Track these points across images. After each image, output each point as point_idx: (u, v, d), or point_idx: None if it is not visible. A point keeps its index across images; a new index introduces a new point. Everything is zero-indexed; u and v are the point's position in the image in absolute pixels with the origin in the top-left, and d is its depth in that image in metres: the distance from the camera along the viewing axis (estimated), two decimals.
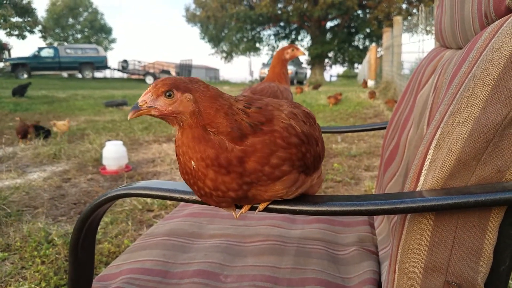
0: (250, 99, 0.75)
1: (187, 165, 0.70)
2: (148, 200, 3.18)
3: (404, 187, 0.81)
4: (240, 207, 0.79)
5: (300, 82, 24.99)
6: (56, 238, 2.48)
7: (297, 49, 2.25)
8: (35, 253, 2.32)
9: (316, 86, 16.57)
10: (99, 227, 2.53)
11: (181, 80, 0.70)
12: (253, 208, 0.78)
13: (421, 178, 0.74)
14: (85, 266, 0.96)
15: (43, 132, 5.80)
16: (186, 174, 0.72)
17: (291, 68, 24.86)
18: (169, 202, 3.15)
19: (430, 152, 0.74)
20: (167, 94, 0.68)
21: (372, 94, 10.47)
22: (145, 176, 4.11)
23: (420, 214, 0.73)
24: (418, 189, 0.74)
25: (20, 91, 11.75)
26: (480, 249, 0.72)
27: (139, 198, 3.19)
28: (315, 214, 0.76)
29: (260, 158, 0.68)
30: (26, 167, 4.46)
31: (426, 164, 0.74)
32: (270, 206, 0.77)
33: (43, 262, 2.24)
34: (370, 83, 15.90)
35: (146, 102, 0.69)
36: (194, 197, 0.82)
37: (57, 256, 2.30)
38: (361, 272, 1.07)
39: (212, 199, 0.73)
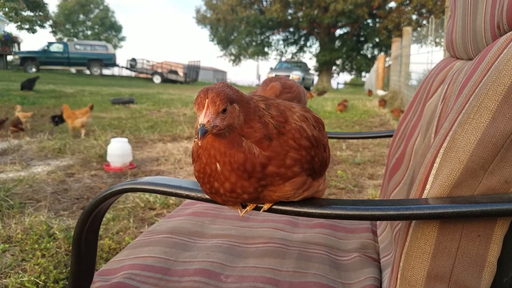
0: (266, 99, 0.75)
1: (210, 166, 0.69)
2: (151, 198, 3.19)
3: (410, 195, 0.81)
4: (244, 206, 0.79)
5: (307, 88, 24.98)
6: (57, 232, 2.49)
7: None
8: (36, 246, 2.33)
9: (321, 93, 16.70)
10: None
11: (228, 91, 0.65)
12: (257, 208, 0.79)
13: (427, 186, 0.74)
14: (87, 260, 0.96)
15: (56, 121, 5.86)
16: (203, 173, 0.71)
17: (298, 74, 24.89)
18: (171, 201, 3.16)
19: (438, 160, 0.74)
20: (223, 110, 0.64)
21: (382, 102, 10.46)
22: (148, 174, 4.12)
23: (424, 222, 0.73)
24: (424, 196, 0.74)
25: (28, 85, 11.84)
26: (484, 259, 0.71)
27: (142, 196, 3.20)
28: (320, 217, 0.76)
29: (279, 160, 0.69)
30: (31, 160, 4.48)
31: (433, 171, 0.74)
32: (275, 207, 0.77)
33: (43, 255, 2.25)
34: (380, 93, 15.73)
35: (210, 122, 0.63)
36: (199, 195, 0.82)
37: (57, 250, 2.31)
38: (362, 278, 1.07)
39: (222, 198, 0.73)
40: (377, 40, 33.82)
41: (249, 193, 0.70)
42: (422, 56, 9.10)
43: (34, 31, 30.29)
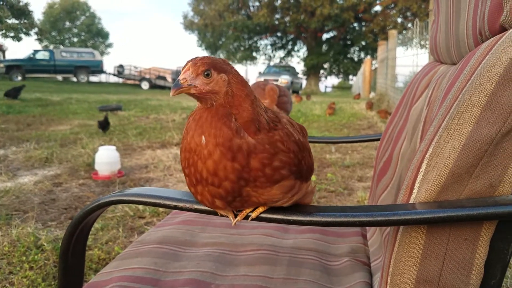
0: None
1: (195, 140, 0.69)
2: (140, 206, 3.16)
3: (397, 199, 0.81)
4: (235, 215, 0.79)
5: (296, 92, 25.10)
6: (45, 244, 2.45)
7: None
8: (24, 258, 2.29)
9: (308, 96, 16.96)
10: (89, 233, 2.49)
11: (218, 61, 0.72)
12: (247, 217, 0.79)
13: (414, 191, 0.75)
14: (75, 272, 0.95)
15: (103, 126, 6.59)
16: (188, 152, 0.71)
17: (287, 78, 24.99)
18: (161, 209, 3.13)
19: (424, 165, 0.74)
20: (206, 73, 0.70)
21: (370, 105, 10.57)
22: (137, 182, 4.09)
23: (412, 227, 0.73)
24: (411, 201, 0.75)
25: (13, 93, 11.66)
26: (471, 262, 0.72)
27: (131, 204, 3.17)
28: (309, 224, 0.77)
29: (264, 158, 0.69)
30: (17, 171, 4.42)
31: (419, 177, 0.75)
32: (264, 215, 0.77)
33: (31, 268, 2.21)
34: (372, 94, 15.80)
35: (186, 80, 0.70)
36: (188, 205, 0.82)
37: (45, 261, 2.27)
38: (353, 283, 1.07)
39: (206, 190, 0.71)
40: (363, 43, 34.14)
41: (231, 180, 0.69)
42: (408, 59, 9.22)
43: (19, 39, 29.93)
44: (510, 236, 0.72)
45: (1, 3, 27.79)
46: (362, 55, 36.03)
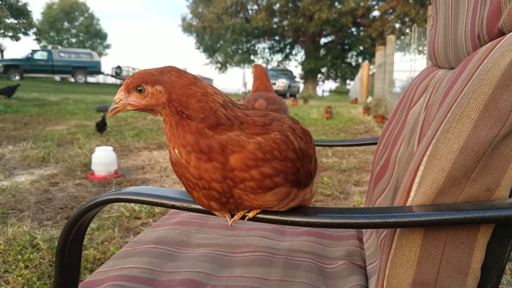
0: (248, 108, 0.76)
1: (172, 154, 0.71)
2: (136, 207, 3.15)
3: (394, 202, 0.81)
4: (232, 215, 0.79)
5: (293, 95, 25.15)
6: (41, 243, 2.44)
7: None
8: (19, 257, 2.28)
9: (305, 100, 17.02)
10: None
11: (150, 74, 0.71)
12: (243, 217, 0.78)
13: (412, 194, 0.75)
14: (71, 271, 0.94)
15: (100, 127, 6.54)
16: (175, 165, 0.73)
17: (284, 82, 25.03)
18: (157, 210, 3.12)
19: (421, 168, 0.75)
20: (138, 89, 0.71)
21: (367, 109, 10.61)
22: (134, 183, 4.07)
23: (409, 229, 0.73)
24: (408, 204, 0.75)
25: (8, 91, 11.64)
26: (467, 266, 0.72)
27: (127, 205, 3.16)
28: (306, 225, 0.77)
29: (249, 158, 0.68)
30: (14, 170, 4.40)
31: (417, 179, 0.75)
32: (261, 215, 0.77)
33: (26, 267, 2.20)
34: (370, 99, 15.87)
35: (120, 100, 0.72)
36: (185, 205, 0.81)
37: (41, 260, 2.26)
38: (349, 286, 1.07)
39: (200, 194, 0.73)
40: (361, 48, 34.24)
41: (217, 181, 0.69)
42: (406, 64, 9.26)
43: (17, 39, 29.88)
44: (507, 240, 0.73)
45: (0, 2, 27.72)
46: (360, 60, 36.14)
